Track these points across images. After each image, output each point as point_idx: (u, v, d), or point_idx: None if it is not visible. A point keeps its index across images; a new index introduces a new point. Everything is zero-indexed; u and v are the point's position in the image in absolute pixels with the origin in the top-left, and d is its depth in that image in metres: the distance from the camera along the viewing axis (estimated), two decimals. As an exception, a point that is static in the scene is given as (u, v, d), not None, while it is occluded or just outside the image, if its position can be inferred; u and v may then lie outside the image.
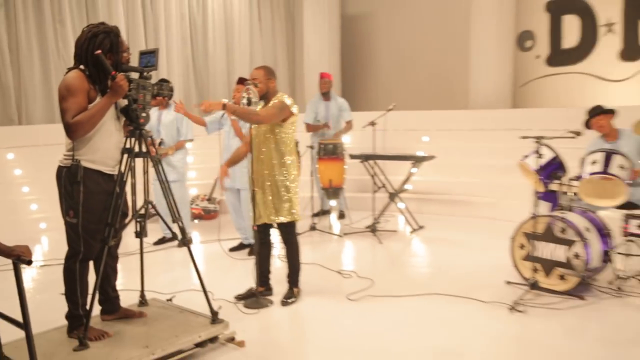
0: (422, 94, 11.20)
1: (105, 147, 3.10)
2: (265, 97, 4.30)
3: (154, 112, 6.35)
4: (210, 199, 7.91)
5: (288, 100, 4.26)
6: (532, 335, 3.77)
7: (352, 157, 7.02)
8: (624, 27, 9.23)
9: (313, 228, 6.90)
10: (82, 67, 3.06)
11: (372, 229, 6.72)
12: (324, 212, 7.51)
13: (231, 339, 3.57)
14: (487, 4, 9.64)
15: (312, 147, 7.05)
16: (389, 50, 11.79)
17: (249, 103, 4.07)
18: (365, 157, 6.89)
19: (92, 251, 3.09)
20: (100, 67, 3.02)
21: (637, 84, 9.14)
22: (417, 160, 6.77)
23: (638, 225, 4.62)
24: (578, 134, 4.67)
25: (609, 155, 4.56)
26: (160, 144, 6.22)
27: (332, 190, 6.78)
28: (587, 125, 5.27)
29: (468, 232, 6.87)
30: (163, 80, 3.42)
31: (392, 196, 6.94)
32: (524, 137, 4.59)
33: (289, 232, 4.39)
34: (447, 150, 8.69)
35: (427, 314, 4.16)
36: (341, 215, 7.61)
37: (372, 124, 6.89)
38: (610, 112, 5.18)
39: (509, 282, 4.74)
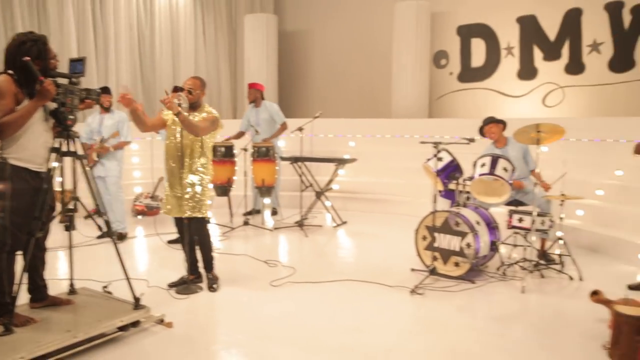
0: (351, 104, 11.39)
1: (33, 146, 3.03)
2: (194, 105, 4.29)
3: (95, 116, 6.22)
4: (153, 197, 7.77)
5: (216, 113, 4.29)
6: (427, 313, 3.93)
7: (283, 159, 7.07)
8: (520, 50, 9.70)
9: (246, 223, 6.89)
10: (10, 71, 2.98)
11: (300, 224, 6.78)
12: (257, 212, 7.50)
13: (160, 321, 3.55)
14: (406, 26, 9.91)
15: (245, 150, 7.05)
16: (322, 63, 11.92)
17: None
18: (294, 159, 6.96)
19: (19, 243, 3.01)
20: (28, 72, 2.94)
21: (532, 99, 9.62)
22: (340, 162, 6.89)
23: (519, 219, 4.88)
24: (472, 140, 4.87)
25: (495, 159, 4.78)
26: (101, 140, 6.07)
27: (265, 189, 6.79)
28: (482, 132, 5.50)
29: (385, 227, 7.03)
30: (103, 88, 3.35)
31: (319, 194, 7.02)
32: (423, 142, 4.74)
33: (200, 226, 4.36)
34: (371, 154, 8.90)
35: (339, 297, 4.25)
36: (274, 212, 7.63)
37: (300, 129, 6.96)
38: (501, 122, 5.44)
39: (413, 269, 4.92)
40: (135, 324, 3.33)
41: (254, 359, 3.14)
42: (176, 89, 5.58)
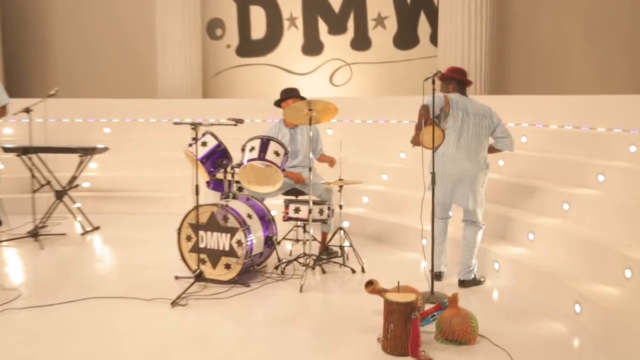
0: (105, 81, 10.77)
1: None
2: None
3: None
4: None
5: None
6: (190, 326, 3.93)
7: (6, 150, 6.38)
8: (304, 22, 10.27)
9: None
10: None
11: (34, 233, 6.21)
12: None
13: None
14: (171, -14, 9.73)
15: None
16: (66, 30, 11.04)
17: None
18: (22, 150, 6.33)
19: None
20: None
21: (319, 77, 10.27)
22: (86, 152, 6.47)
23: (295, 209, 5.13)
24: (240, 121, 4.98)
25: (265, 141, 4.95)
26: None
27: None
28: (279, 105, 5.65)
29: (148, 230, 6.87)
30: None
31: (60, 195, 6.52)
32: (177, 123, 4.68)
33: None
34: (131, 142, 8.58)
35: (82, 320, 4.00)
36: (-2, 222, 6.86)
37: (27, 111, 6.36)
38: (302, 98, 5.56)
39: (177, 277, 4.87)
40: None
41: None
42: None
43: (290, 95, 5.64)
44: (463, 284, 4.78)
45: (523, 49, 9.18)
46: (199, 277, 4.62)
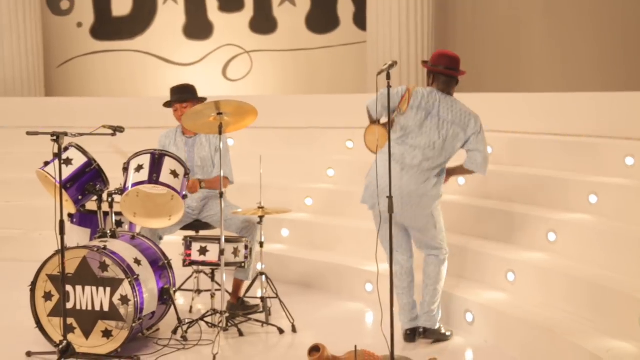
0: None
1: None
2: None
3: None
4: None
5: None
6: None
7: None
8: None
9: None
10: None
11: None
12: None
13: None
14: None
15: None
16: None
17: None
18: None
19: None
20: None
21: (207, 69, 10.10)
22: None
23: (200, 250, 4.96)
24: (120, 130, 4.82)
25: (158, 157, 4.80)
26: None
27: None
28: (169, 106, 5.60)
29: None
30: None
31: None
32: (30, 134, 4.46)
33: None
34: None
35: None
36: None
37: None
38: (202, 101, 5.50)
39: (30, 354, 4.63)
40: None
41: None
42: None
43: (183, 96, 5.57)
44: (425, 334, 4.79)
45: (471, 33, 9.45)
46: (66, 352, 4.31)
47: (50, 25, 10.12)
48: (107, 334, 4.53)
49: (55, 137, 4.37)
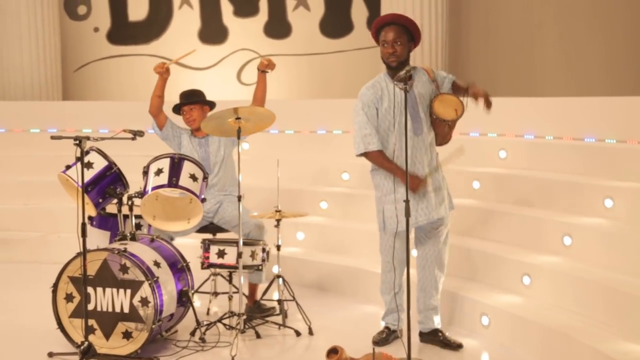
0: None
1: None
2: None
3: None
4: None
5: None
6: None
7: None
8: (201, 1, 10.11)
9: None
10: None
11: None
12: None
13: None
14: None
15: None
16: None
17: None
18: None
19: None
20: None
21: (222, 73, 10.13)
22: None
23: (218, 253, 4.99)
24: (139, 134, 4.86)
25: (178, 161, 4.84)
26: None
27: None
28: (178, 112, 5.66)
29: (6, 287, 6.55)
30: None
31: None
32: (55, 138, 4.52)
33: None
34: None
35: None
36: None
37: None
38: (210, 105, 5.66)
39: (52, 354, 4.65)
40: None
41: None
42: None
43: (190, 99, 5.65)
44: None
45: (484, 38, 9.44)
46: (87, 352, 4.35)
47: (68, 30, 10.13)
48: (127, 335, 4.56)
49: (78, 141, 4.43)
